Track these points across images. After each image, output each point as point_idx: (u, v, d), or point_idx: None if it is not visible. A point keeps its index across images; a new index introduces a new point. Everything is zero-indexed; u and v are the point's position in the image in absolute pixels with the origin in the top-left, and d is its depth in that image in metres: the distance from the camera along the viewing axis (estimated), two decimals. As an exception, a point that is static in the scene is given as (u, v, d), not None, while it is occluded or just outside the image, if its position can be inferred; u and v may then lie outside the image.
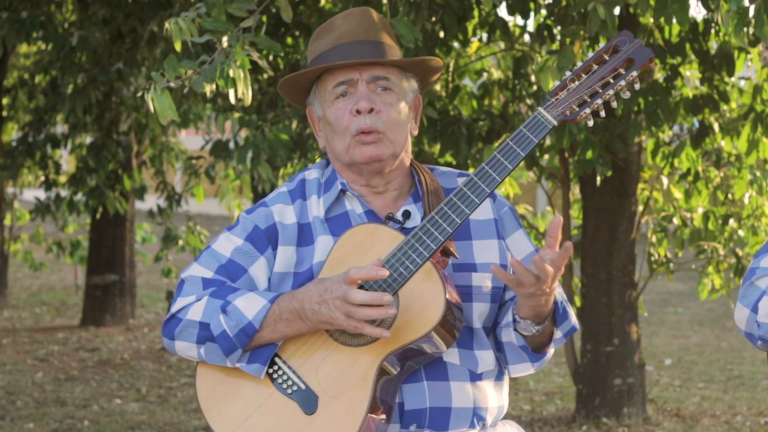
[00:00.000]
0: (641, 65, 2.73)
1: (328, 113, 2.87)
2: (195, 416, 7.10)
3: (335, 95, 2.85)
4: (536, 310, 2.76)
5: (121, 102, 9.93)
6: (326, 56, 2.86)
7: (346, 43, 2.85)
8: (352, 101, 2.83)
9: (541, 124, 2.72)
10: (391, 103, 2.85)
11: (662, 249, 7.08)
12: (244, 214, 2.90)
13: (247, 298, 2.75)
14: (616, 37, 2.76)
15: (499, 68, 7.07)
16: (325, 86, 2.87)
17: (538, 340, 2.85)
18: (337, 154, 2.88)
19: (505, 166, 2.71)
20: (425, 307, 2.68)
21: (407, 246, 2.71)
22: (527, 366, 2.89)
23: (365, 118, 2.82)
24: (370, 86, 2.84)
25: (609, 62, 2.74)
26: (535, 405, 7.54)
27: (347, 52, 2.84)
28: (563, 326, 2.85)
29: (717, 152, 6.60)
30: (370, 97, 2.83)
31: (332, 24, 2.90)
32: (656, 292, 13.25)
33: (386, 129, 2.83)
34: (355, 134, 2.82)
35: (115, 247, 10.81)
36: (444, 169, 2.98)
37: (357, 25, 2.86)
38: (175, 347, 2.82)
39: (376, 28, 2.89)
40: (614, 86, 2.73)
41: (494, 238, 2.89)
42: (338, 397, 2.70)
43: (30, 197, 11.57)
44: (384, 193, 2.90)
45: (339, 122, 2.84)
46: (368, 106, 2.81)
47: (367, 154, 2.83)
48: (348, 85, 2.84)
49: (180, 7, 6.90)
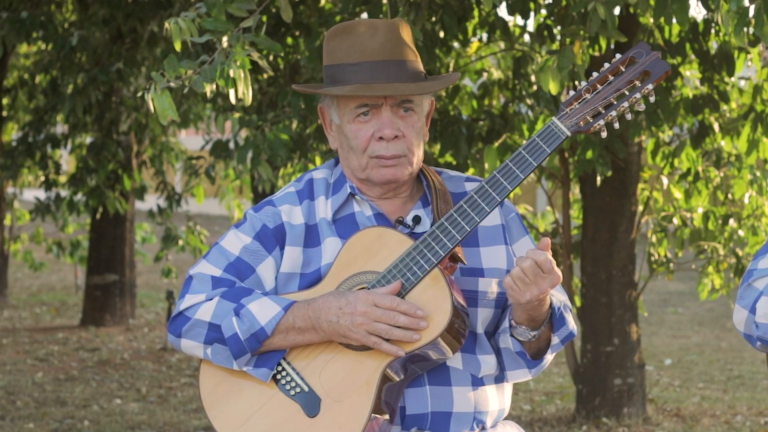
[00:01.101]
0: (657, 78, 2.69)
1: (347, 129, 2.82)
2: (195, 416, 7.10)
3: (356, 114, 2.81)
4: (530, 314, 2.75)
5: (121, 102, 9.93)
6: (349, 71, 2.80)
7: (373, 62, 2.79)
8: (375, 125, 2.79)
9: (555, 135, 2.70)
10: (413, 125, 2.82)
11: (662, 249, 7.08)
12: (251, 212, 2.88)
13: (261, 303, 2.74)
14: (633, 49, 2.72)
15: (499, 68, 7.07)
16: (346, 102, 2.82)
17: (536, 346, 2.84)
18: (353, 168, 2.85)
19: (516, 175, 2.70)
20: (432, 314, 2.67)
21: (416, 251, 2.70)
22: (524, 372, 2.88)
23: (388, 145, 2.79)
24: (394, 109, 2.80)
25: (625, 74, 2.71)
26: (535, 405, 7.54)
27: (374, 73, 2.78)
28: (560, 332, 2.84)
29: (717, 152, 6.60)
30: (393, 122, 2.79)
31: (354, 30, 2.83)
32: (656, 292, 13.25)
33: (408, 152, 2.80)
34: (373, 156, 2.80)
35: (115, 247, 10.80)
36: (452, 173, 2.96)
37: (383, 42, 2.80)
38: (180, 345, 2.81)
39: (402, 44, 2.83)
40: (629, 98, 2.70)
41: (502, 244, 2.88)
42: (341, 400, 2.70)
43: (30, 197, 11.57)
44: (393, 197, 2.89)
45: (358, 142, 2.81)
46: (393, 134, 2.78)
47: (387, 177, 2.81)
48: (371, 107, 2.80)
49: (180, 7, 6.91)
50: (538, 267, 2.65)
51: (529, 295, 2.67)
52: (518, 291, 2.67)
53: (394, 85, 2.79)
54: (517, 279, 2.65)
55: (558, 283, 2.68)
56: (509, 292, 2.69)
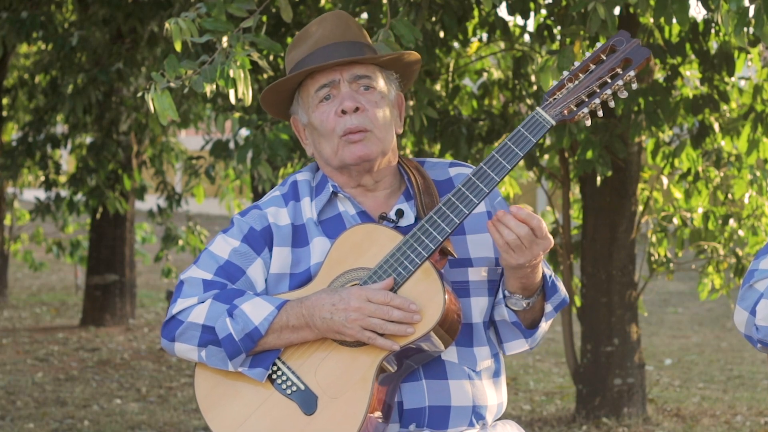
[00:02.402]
0: (638, 65, 2.73)
1: (313, 118, 2.87)
2: (195, 416, 7.11)
3: (318, 99, 2.85)
4: (523, 282, 2.79)
5: (121, 102, 9.93)
6: (305, 62, 2.87)
7: (324, 46, 2.85)
8: (336, 102, 2.83)
9: (539, 124, 2.72)
10: (375, 102, 2.85)
11: (662, 249, 7.08)
12: (237, 216, 2.90)
13: (254, 303, 2.75)
14: (613, 37, 2.76)
15: (499, 68, 7.08)
16: (307, 91, 2.87)
17: (530, 315, 2.87)
18: (326, 158, 2.88)
19: (503, 165, 2.72)
20: (424, 307, 2.68)
21: (406, 246, 2.71)
22: (521, 342, 2.91)
23: (351, 117, 2.82)
24: (353, 86, 2.84)
25: (606, 62, 2.74)
26: (535, 405, 7.54)
27: (326, 54, 2.84)
28: (553, 299, 2.87)
29: (717, 152, 6.60)
30: (353, 96, 2.83)
31: (307, 31, 2.90)
32: (656, 292, 13.25)
33: (373, 127, 2.83)
34: (342, 135, 2.82)
35: (115, 247, 10.81)
36: (435, 160, 2.99)
37: (332, 29, 2.87)
38: (174, 349, 2.82)
39: (352, 30, 2.89)
40: (612, 86, 2.73)
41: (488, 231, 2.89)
42: (337, 397, 2.70)
43: (30, 197, 11.58)
44: (375, 192, 2.90)
45: (325, 125, 2.84)
46: (353, 105, 2.82)
47: (357, 153, 2.82)
48: (330, 87, 2.84)
49: (180, 7, 6.90)
50: (533, 232, 2.68)
51: (522, 260, 2.70)
52: (512, 255, 2.70)
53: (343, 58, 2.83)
54: (514, 245, 2.68)
55: (549, 248, 2.72)
56: (503, 255, 2.72)
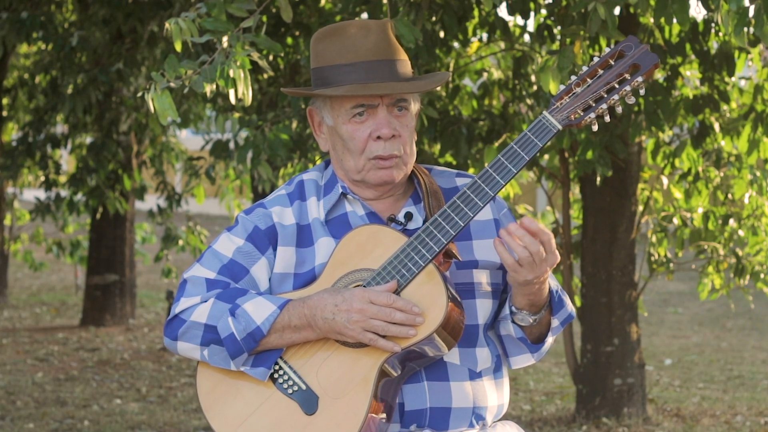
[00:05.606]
0: (647, 71, 2.72)
1: (343, 130, 2.84)
2: (195, 416, 7.10)
3: (351, 114, 2.82)
4: (530, 298, 2.78)
5: (121, 102, 9.93)
6: (344, 71, 2.81)
7: (367, 62, 2.80)
8: (372, 125, 2.80)
9: (546, 129, 2.71)
10: (407, 125, 2.83)
11: (662, 249, 7.08)
12: (242, 215, 2.89)
13: (257, 302, 2.74)
14: (621, 42, 2.75)
15: (499, 68, 7.07)
16: (341, 103, 2.83)
17: (537, 330, 2.86)
18: (347, 170, 2.86)
19: (509, 169, 2.71)
20: (427, 310, 2.68)
21: (410, 248, 2.71)
22: (527, 357, 2.91)
23: (385, 144, 2.80)
24: (389, 109, 2.82)
25: (614, 67, 2.73)
26: (535, 405, 7.54)
27: (370, 72, 2.79)
28: (560, 314, 2.87)
29: (717, 152, 6.60)
30: (391, 122, 2.80)
31: (345, 31, 2.84)
32: (656, 292, 13.24)
33: (403, 153, 2.82)
34: (371, 158, 2.81)
35: (115, 247, 10.80)
36: (442, 169, 2.98)
37: (377, 42, 2.82)
38: (177, 348, 2.82)
39: (393, 44, 2.85)
40: (619, 91, 2.72)
41: (494, 238, 2.88)
42: (339, 397, 2.70)
43: (30, 197, 11.57)
44: (384, 196, 2.90)
45: (356, 143, 2.82)
46: (390, 133, 2.80)
47: (383, 178, 2.82)
48: (367, 107, 2.81)
49: (180, 7, 6.91)
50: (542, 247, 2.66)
51: (531, 276, 2.68)
52: (520, 272, 2.68)
53: (391, 84, 2.80)
54: (525, 262, 2.65)
55: (556, 263, 2.70)
56: (510, 273, 2.70)
